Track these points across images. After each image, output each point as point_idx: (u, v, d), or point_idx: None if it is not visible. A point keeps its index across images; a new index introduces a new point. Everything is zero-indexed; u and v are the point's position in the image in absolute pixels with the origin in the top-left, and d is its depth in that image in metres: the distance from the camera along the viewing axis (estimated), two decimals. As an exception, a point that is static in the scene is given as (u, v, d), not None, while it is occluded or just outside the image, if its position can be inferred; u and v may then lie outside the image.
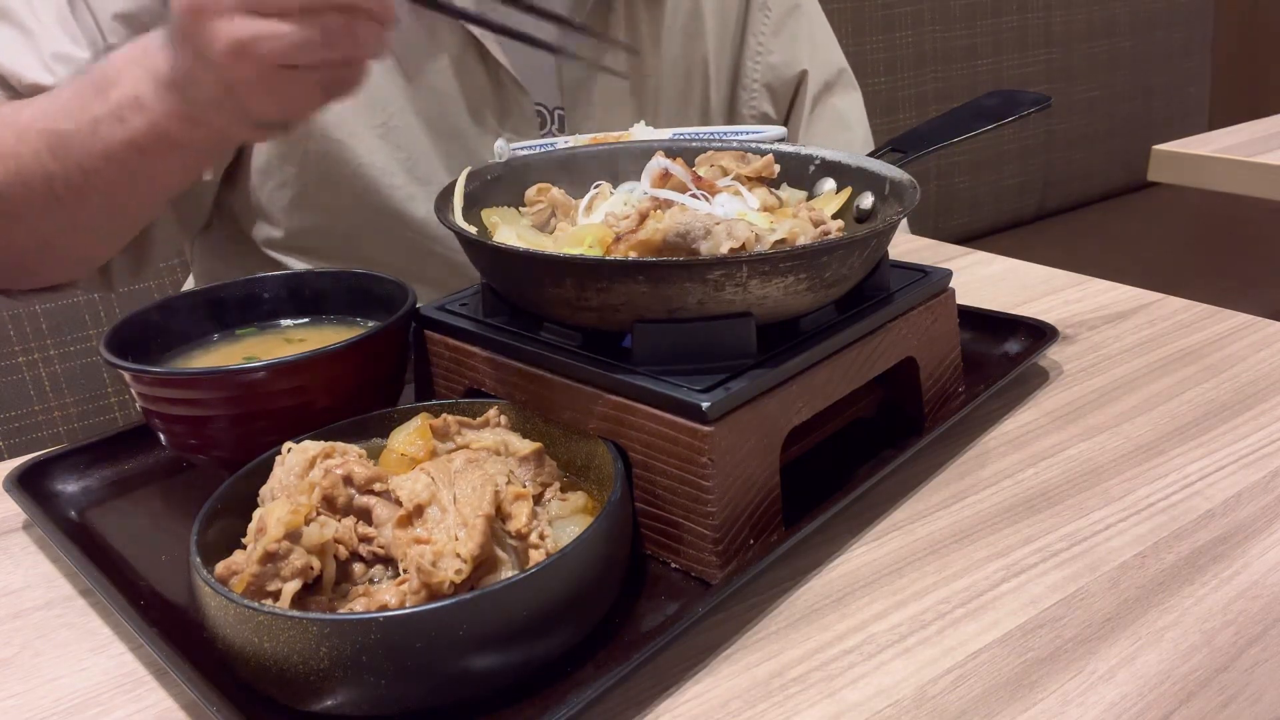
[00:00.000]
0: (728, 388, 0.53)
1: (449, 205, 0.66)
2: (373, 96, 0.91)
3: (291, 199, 0.94)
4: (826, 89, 1.15)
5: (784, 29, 1.12)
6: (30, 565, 0.60)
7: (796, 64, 1.13)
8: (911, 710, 0.45)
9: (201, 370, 0.61)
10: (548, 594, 0.45)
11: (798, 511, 0.56)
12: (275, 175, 0.93)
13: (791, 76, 1.13)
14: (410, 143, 0.93)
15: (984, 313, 0.79)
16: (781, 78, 1.13)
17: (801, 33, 1.13)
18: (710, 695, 0.47)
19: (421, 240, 0.96)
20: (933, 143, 0.72)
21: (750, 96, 1.13)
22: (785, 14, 1.12)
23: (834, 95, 1.16)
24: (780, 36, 1.12)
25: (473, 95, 0.94)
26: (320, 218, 0.95)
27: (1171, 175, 1.42)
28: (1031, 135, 2.27)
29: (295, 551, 0.46)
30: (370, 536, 0.49)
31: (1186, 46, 2.53)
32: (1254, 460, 0.63)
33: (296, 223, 0.95)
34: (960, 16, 2.12)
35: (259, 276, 0.72)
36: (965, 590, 0.53)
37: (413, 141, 0.94)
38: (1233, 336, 0.79)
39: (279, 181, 0.93)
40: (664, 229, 0.57)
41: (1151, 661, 0.47)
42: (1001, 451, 0.65)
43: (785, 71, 1.13)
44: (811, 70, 1.13)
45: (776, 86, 1.13)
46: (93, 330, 1.43)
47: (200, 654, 0.47)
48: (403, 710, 0.45)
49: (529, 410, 0.59)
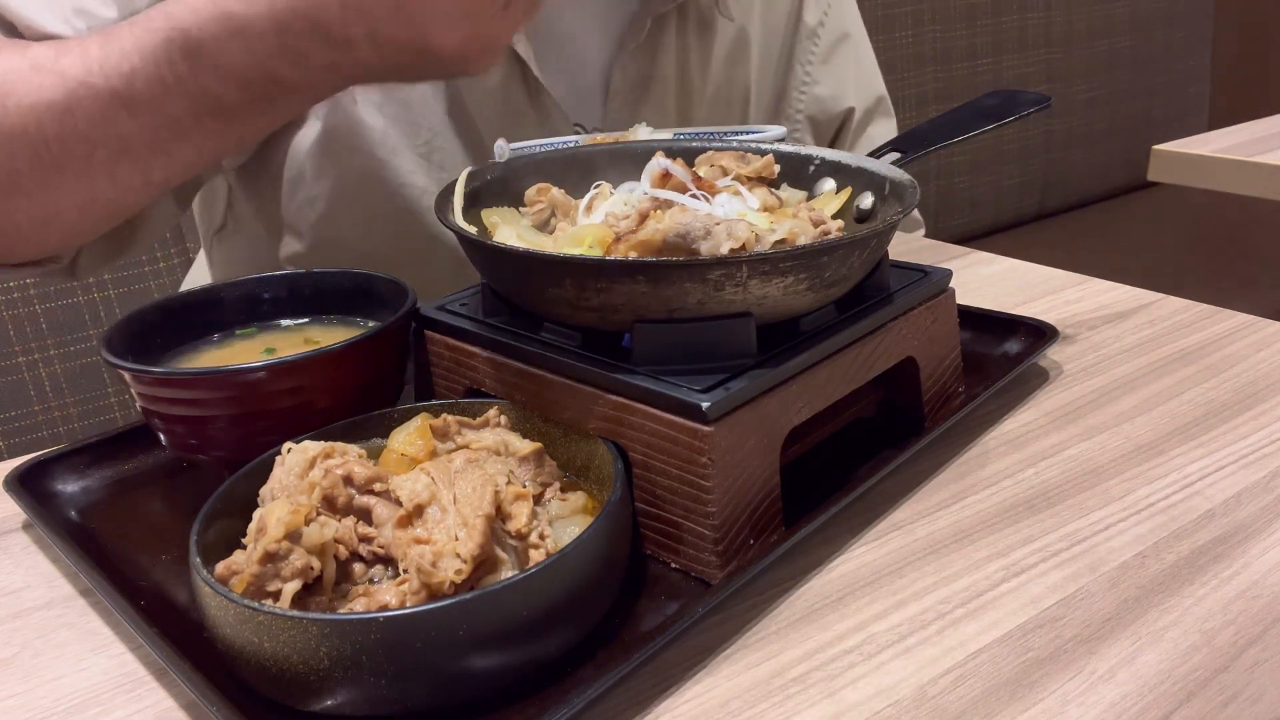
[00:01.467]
0: (728, 388, 0.53)
1: (449, 205, 0.66)
2: (415, 116, 0.90)
3: (321, 214, 0.92)
4: (865, 117, 1.13)
5: (832, 59, 1.09)
6: (30, 565, 0.60)
7: (843, 98, 1.10)
8: (911, 710, 0.46)
9: (201, 370, 0.61)
10: (548, 594, 0.45)
11: (798, 511, 0.56)
12: (307, 189, 0.91)
13: (838, 112, 1.10)
14: (451, 164, 0.91)
15: (984, 313, 0.79)
16: (827, 112, 1.10)
17: (849, 64, 1.10)
18: (710, 695, 0.47)
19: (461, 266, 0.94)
20: (933, 143, 0.72)
21: (794, 129, 1.10)
22: (834, 44, 1.09)
23: (871, 124, 1.13)
24: (828, 66, 1.09)
25: (515, 119, 0.92)
26: (350, 235, 0.93)
27: (1171, 175, 1.42)
28: (1031, 135, 2.27)
29: (295, 552, 0.46)
30: (370, 536, 0.49)
31: (1186, 46, 2.53)
32: (1254, 460, 0.63)
33: (323, 236, 0.93)
34: (960, 16, 2.12)
35: (259, 276, 0.72)
36: (965, 590, 0.53)
37: (454, 163, 0.92)
38: (1233, 336, 0.79)
39: (310, 196, 0.92)
40: (664, 229, 0.57)
41: (1151, 661, 0.47)
42: (1001, 451, 0.65)
43: (831, 106, 1.10)
44: (858, 105, 1.11)
45: (821, 120, 1.11)
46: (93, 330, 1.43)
47: (200, 654, 0.47)
48: (403, 710, 0.45)
49: (529, 410, 0.59)
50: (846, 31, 1.10)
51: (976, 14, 2.14)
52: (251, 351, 0.68)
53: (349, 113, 0.88)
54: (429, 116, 0.91)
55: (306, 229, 0.94)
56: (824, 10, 1.09)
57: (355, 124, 0.88)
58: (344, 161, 0.90)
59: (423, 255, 0.93)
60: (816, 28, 1.09)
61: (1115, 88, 2.41)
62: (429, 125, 0.91)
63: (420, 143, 0.91)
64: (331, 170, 0.90)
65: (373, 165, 0.89)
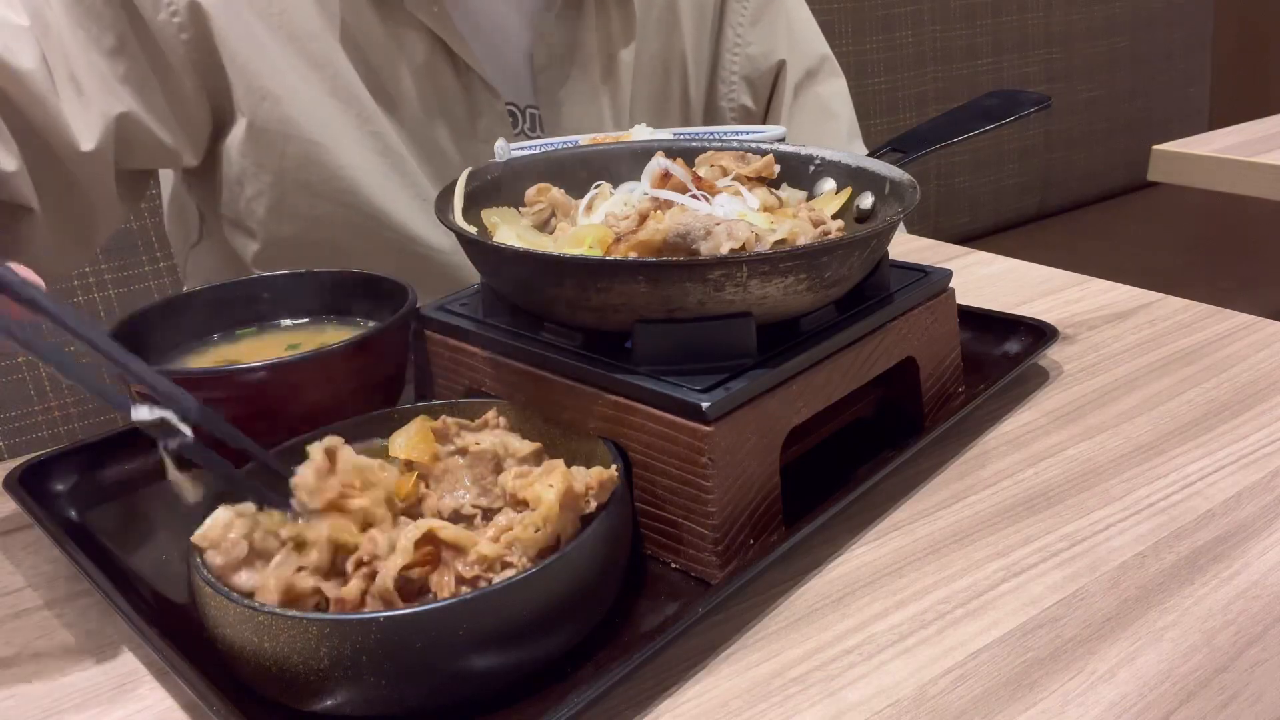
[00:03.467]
0: (728, 388, 0.53)
1: (449, 205, 0.66)
2: (351, 101, 0.90)
3: (268, 208, 0.92)
4: (809, 77, 1.13)
5: (762, 19, 1.11)
6: (30, 565, 0.60)
7: (774, 54, 1.11)
8: (911, 710, 0.46)
9: (201, 370, 0.61)
10: (548, 594, 0.45)
11: (798, 511, 0.56)
12: (251, 184, 0.92)
13: (769, 67, 1.11)
14: (389, 146, 0.93)
15: (984, 313, 0.79)
16: (759, 69, 1.11)
17: (779, 22, 1.12)
18: (710, 695, 0.47)
19: (406, 244, 0.94)
20: (933, 143, 0.73)
21: (729, 90, 1.11)
22: (763, 4, 1.11)
23: (817, 83, 1.14)
24: (758, 27, 1.10)
25: (443, 98, 0.94)
26: (299, 227, 0.93)
27: (1171, 175, 1.42)
28: (1031, 135, 2.27)
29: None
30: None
31: (1186, 46, 2.53)
32: (1254, 460, 0.63)
33: (274, 233, 0.93)
34: (960, 16, 2.12)
35: (259, 276, 0.72)
36: (965, 590, 0.53)
37: (391, 145, 0.93)
38: (1233, 336, 0.79)
39: (255, 190, 0.92)
40: (664, 229, 0.57)
41: (1151, 661, 0.47)
42: (1001, 451, 0.65)
43: (762, 63, 1.11)
44: (791, 59, 1.12)
45: (755, 78, 1.12)
46: (93, 330, 1.43)
47: (200, 654, 0.47)
48: (403, 710, 0.45)
49: (529, 410, 0.59)
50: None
51: (976, 14, 2.14)
52: (253, 351, 0.68)
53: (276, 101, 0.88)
54: (363, 103, 0.91)
55: (257, 226, 0.94)
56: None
57: (283, 113, 0.89)
58: (279, 150, 0.90)
59: (369, 242, 0.94)
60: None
61: (1115, 88, 2.41)
62: (361, 110, 0.91)
63: (356, 127, 0.91)
64: (271, 162, 0.90)
65: (312, 151, 0.90)
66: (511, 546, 0.47)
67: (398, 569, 0.46)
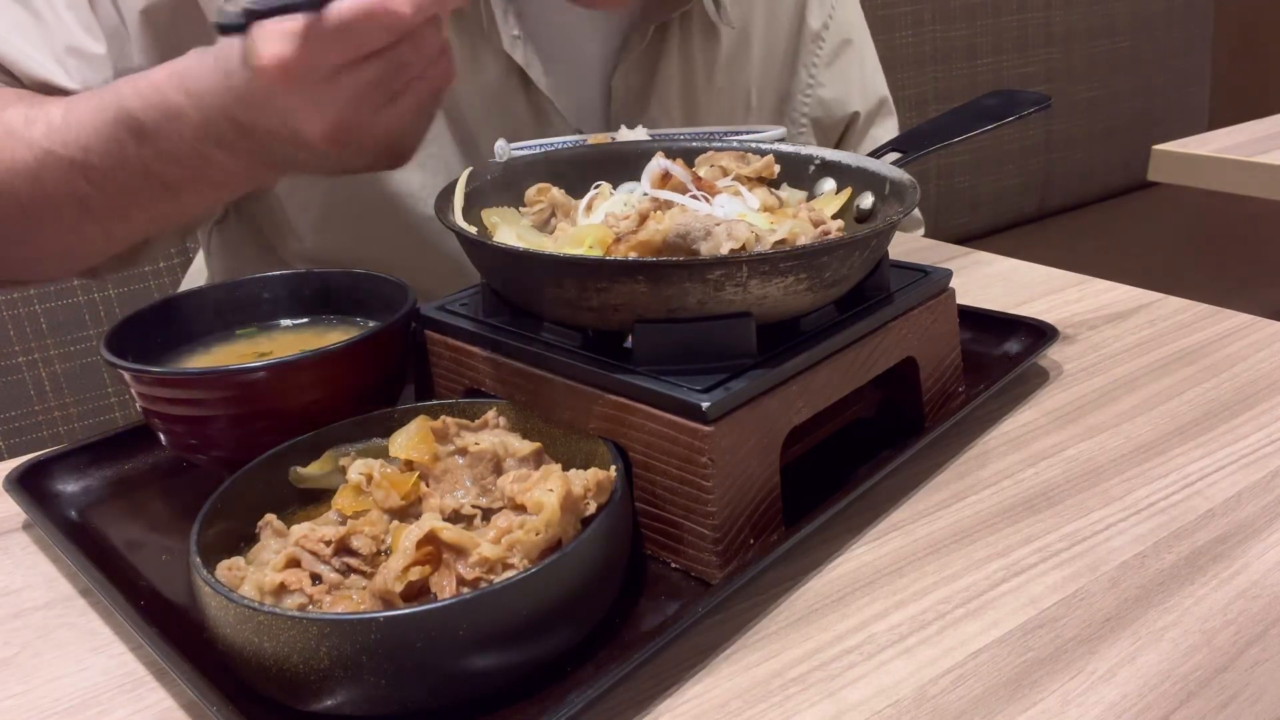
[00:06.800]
0: (728, 388, 0.53)
1: (449, 205, 0.66)
2: None
3: (317, 219, 0.92)
4: (868, 121, 1.13)
5: (836, 61, 1.09)
6: (30, 565, 0.60)
7: (848, 102, 1.10)
8: (911, 710, 0.46)
9: (201, 370, 0.61)
10: (548, 594, 0.45)
11: (798, 511, 0.56)
12: (300, 194, 0.92)
13: (842, 116, 1.11)
14: (447, 169, 0.91)
15: (984, 313, 0.79)
16: (832, 116, 1.10)
17: (853, 66, 1.11)
18: (710, 695, 0.47)
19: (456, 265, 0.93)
20: (933, 143, 0.72)
21: (798, 130, 1.10)
22: (838, 47, 1.09)
23: (874, 126, 1.14)
24: (832, 69, 1.09)
25: (511, 122, 0.92)
26: (347, 239, 0.93)
27: (1171, 175, 1.42)
28: (1031, 135, 2.27)
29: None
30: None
31: (1186, 46, 2.53)
32: (1254, 460, 0.63)
33: (325, 241, 0.94)
34: (960, 16, 2.12)
35: (259, 276, 0.72)
36: (965, 590, 0.53)
37: (449, 168, 0.91)
38: (1233, 336, 0.79)
39: (303, 201, 0.92)
40: (664, 230, 0.57)
41: (1151, 661, 0.47)
42: (1001, 451, 0.65)
43: (836, 110, 1.10)
44: (863, 110, 1.11)
45: (826, 124, 1.11)
46: (93, 330, 1.43)
47: (200, 654, 0.47)
48: (403, 710, 0.45)
49: (529, 410, 0.59)
50: (850, 35, 1.10)
51: (976, 14, 2.14)
52: (252, 351, 0.68)
53: None
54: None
55: (306, 231, 0.94)
56: (828, 14, 1.09)
57: None
58: None
59: (420, 261, 0.93)
60: (820, 31, 1.08)
61: (1115, 88, 2.40)
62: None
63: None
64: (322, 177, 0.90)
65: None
66: (513, 549, 0.47)
67: (399, 569, 0.46)
